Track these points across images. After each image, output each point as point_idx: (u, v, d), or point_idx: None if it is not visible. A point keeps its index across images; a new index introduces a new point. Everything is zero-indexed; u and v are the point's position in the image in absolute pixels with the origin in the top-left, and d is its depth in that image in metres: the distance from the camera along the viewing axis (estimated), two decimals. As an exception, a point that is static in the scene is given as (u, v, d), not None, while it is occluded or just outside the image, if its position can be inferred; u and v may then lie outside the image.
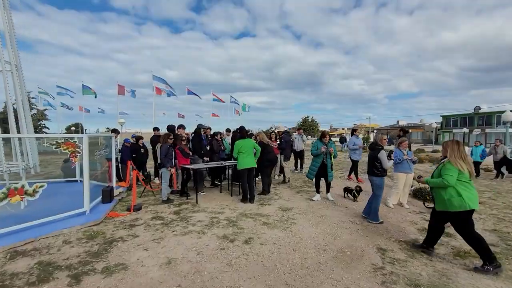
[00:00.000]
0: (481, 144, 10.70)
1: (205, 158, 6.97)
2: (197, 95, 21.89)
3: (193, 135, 7.38)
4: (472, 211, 3.13)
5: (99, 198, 5.51)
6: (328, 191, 6.19)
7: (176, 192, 6.71)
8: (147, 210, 5.33)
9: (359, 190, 6.07)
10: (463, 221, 3.18)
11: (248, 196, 5.90)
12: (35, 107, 21.57)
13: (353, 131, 8.05)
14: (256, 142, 6.19)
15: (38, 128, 20.70)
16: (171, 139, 5.89)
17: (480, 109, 43.32)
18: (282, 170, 8.27)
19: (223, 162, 6.67)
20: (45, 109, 22.20)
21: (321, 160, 5.73)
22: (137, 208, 5.29)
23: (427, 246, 3.54)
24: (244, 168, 5.85)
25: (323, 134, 5.89)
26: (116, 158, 7.40)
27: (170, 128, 6.88)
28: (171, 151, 5.81)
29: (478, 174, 9.98)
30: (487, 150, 10.54)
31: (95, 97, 22.37)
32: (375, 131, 57.43)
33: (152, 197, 6.39)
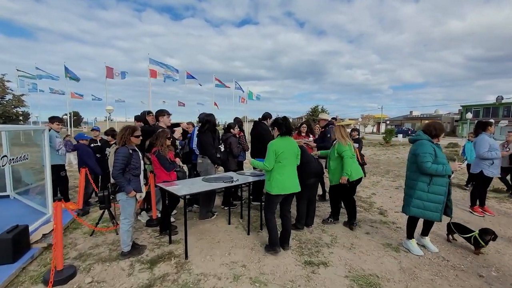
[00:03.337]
0: None
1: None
2: (195, 78, 19.04)
3: (199, 128, 4.57)
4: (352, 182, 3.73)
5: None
6: (427, 233, 3.41)
7: (155, 224, 4.01)
8: (85, 282, 2.63)
9: (490, 237, 3.20)
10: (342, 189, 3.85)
11: (281, 238, 3.27)
12: (10, 92, 18.72)
13: (482, 126, 4.49)
14: None
15: (13, 116, 17.96)
16: (137, 136, 3.11)
17: (502, 99, 40.16)
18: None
19: (233, 178, 3.80)
20: (22, 95, 19.34)
21: (448, 182, 2.96)
22: (65, 279, 2.60)
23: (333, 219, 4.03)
24: (281, 194, 3.13)
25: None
26: (61, 165, 4.66)
27: (140, 117, 4.07)
28: (137, 159, 3.04)
29: (468, 182, 6.53)
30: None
31: (74, 79, 19.51)
32: (387, 121, 54.18)
33: (112, 235, 3.69)
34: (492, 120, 4.82)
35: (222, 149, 4.74)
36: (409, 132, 39.00)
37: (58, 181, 4.61)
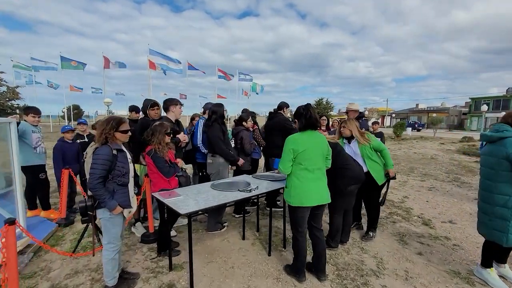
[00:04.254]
0: None
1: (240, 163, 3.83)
2: (197, 69, 18.23)
3: (204, 119, 3.84)
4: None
5: None
6: (505, 260, 2.60)
7: (152, 240, 3.24)
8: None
9: None
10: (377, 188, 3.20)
11: (314, 265, 2.51)
12: (5, 84, 17.89)
13: None
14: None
15: (8, 110, 17.19)
16: (124, 131, 2.30)
17: (513, 91, 38.91)
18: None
19: (251, 184, 2.98)
20: (17, 87, 18.50)
21: None
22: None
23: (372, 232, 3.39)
24: (305, 206, 2.35)
25: None
26: (40, 166, 3.88)
27: (133, 108, 3.28)
28: (123, 162, 2.24)
29: None
30: None
31: (83, 69, 18.69)
32: (392, 115, 53.00)
33: (96, 256, 2.91)
34: None
35: (233, 145, 3.98)
36: (416, 126, 37.91)
37: (37, 185, 3.85)
